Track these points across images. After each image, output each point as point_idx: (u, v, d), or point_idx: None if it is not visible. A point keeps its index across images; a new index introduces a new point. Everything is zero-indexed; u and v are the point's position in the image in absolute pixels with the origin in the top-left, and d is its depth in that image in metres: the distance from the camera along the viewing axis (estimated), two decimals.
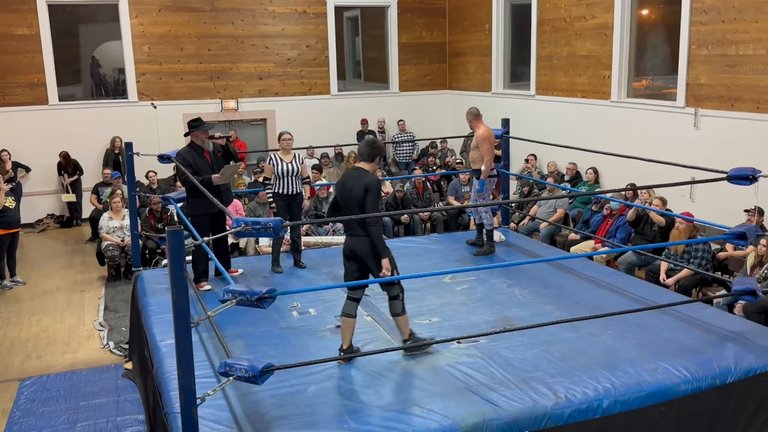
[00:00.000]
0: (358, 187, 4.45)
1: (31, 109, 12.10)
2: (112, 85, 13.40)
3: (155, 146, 11.17)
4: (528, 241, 7.74)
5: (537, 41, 11.81)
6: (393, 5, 14.22)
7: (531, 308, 5.39)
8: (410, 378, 4.24)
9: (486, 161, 6.71)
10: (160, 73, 12.81)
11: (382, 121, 14.08)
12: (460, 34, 14.25)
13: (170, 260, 3.31)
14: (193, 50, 12.92)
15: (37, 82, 12.15)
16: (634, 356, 4.43)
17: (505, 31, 12.99)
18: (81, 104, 12.67)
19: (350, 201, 4.48)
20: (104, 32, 13.18)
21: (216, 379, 4.15)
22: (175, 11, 12.72)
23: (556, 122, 11.24)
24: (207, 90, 13.11)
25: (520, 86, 12.76)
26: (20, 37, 11.93)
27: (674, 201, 8.50)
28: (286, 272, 6.49)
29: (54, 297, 9.00)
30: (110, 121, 12.46)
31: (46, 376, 6.57)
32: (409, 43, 14.46)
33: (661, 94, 9.93)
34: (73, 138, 12.24)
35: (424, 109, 14.47)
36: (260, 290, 3.48)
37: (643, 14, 10.23)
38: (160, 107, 12.81)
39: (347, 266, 4.61)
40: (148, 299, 5.82)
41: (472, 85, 13.89)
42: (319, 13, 13.66)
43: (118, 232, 9.58)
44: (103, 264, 9.66)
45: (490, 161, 6.74)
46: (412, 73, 14.59)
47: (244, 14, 13.10)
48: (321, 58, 13.82)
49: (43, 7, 11.95)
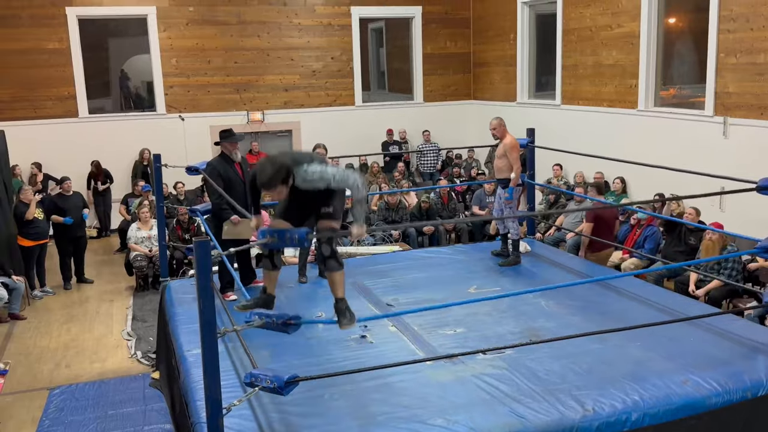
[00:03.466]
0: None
1: (61, 122, 12.33)
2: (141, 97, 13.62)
3: (183, 158, 11.30)
4: (554, 251, 7.67)
5: (562, 50, 11.76)
6: (417, 16, 14.27)
7: (557, 319, 5.33)
8: (435, 389, 4.22)
9: (515, 169, 6.70)
10: (187, 85, 12.99)
11: (403, 132, 14.11)
12: (485, 44, 14.25)
13: (197, 271, 3.34)
14: (219, 63, 13.08)
15: (68, 95, 12.39)
16: (663, 368, 4.36)
17: (530, 41, 12.97)
18: (110, 117, 12.89)
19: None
20: (133, 46, 13.41)
21: (242, 389, 4.17)
22: (202, 25, 12.91)
23: (582, 132, 11.16)
24: (233, 102, 13.27)
25: (545, 96, 12.71)
26: (51, 51, 12.18)
27: (704, 211, 8.38)
28: (311, 282, 6.51)
29: (83, 307, 9.13)
30: (139, 133, 12.65)
31: (75, 385, 6.65)
32: (434, 54, 14.49)
33: (689, 103, 9.82)
34: (102, 150, 12.43)
35: (449, 119, 14.47)
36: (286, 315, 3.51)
37: (669, 23, 10.14)
38: (187, 119, 12.98)
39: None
40: (175, 309, 5.87)
41: (497, 95, 13.86)
42: (344, 25, 13.76)
43: (146, 243, 9.70)
44: (132, 274, 9.78)
45: (518, 169, 6.72)
46: (437, 83, 14.61)
47: (270, 27, 13.24)
48: (346, 69, 13.90)
49: (73, 21, 12.20)
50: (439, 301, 5.49)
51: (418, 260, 7.13)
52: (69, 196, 9.81)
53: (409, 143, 14.25)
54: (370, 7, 13.93)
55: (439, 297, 5.61)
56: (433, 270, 6.66)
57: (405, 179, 12.44)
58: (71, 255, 9.88)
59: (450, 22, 14.49)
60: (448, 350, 4.69)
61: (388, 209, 10.75)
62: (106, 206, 12.50)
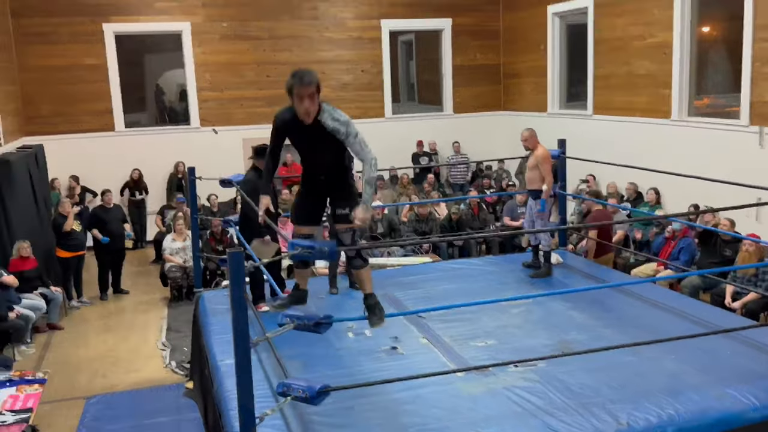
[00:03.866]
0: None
1: (98, 135, 12.60)
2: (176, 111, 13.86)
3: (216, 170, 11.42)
4: (586, 263, 7.59)
5: (594, 61, 11.69)
6: (447, 29, 14.31)
7: (590, 332, 5.27)
8: (467, 401, 4.21)
9: (547, 181, 6.67)
10: (220, 99, 13.19)
11: (433, 143, 14.12)
12: (515, 56, 14.22)
13: (231, 281, 3.39)
14: (252, 77, 13.26)
15: (105, 110, 12.66)
16: (699, 382, 4.29)
17: (560, 51, 12.91)
18: (146, 131, 13.14)
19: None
20: (168, 61, 13.67)
21: (274, 399, 4.20)
22: (235, 40, 13.11)
23: (614, 142, 11.05)
24: (265, 115, 13.37)
25: (576, 106, 12.63)
26: (89, 67, 12.47)
27: (740, 222, 8.23)
28: (342, 293, 6.54)
29: (119, 317, 9.28)
30: (174, 147, 12.86)
31: (111, 395, 6.76)
32: (463, 65, 14.50)
33: (724, 113, 9.67)
34: (138, 163, 12.66)
35: (479, 130, 14.44)
36: (317, 315, 3.53)
37: (703, 32, 10.02)
38: (220, 132, 13.16)
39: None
40: (208, 319, 5.93)
41: (528, 106, 13.81)
42: (374, 38, 13.86)
43: (180, 254, 9.83)
44: (166, 285, 9.93)
45: (551, 181, 6.69)
46: (467, 94, 14.61)
47: (301, 41, 13.39)
48: (376, 81, 13.98)
49: (110, 37, 12.48)
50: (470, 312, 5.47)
51: (448, 272, 7.11)
52: (110, 209, 10.06)
53: (439, 155, 14.26)
54: (400, 20, 14.01)
55: (469, 308, 5.57)
56: (463, 281, 6.63)
57: (435, 190, 12.44)
58: (110, 267, 10.07)
59: (480, 34, 14.50)
60: (480, 362, 4.67)
61: (418, 220, 10.76)
62: (141, 218, 12.72)
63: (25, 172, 9.64)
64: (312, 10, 13.50)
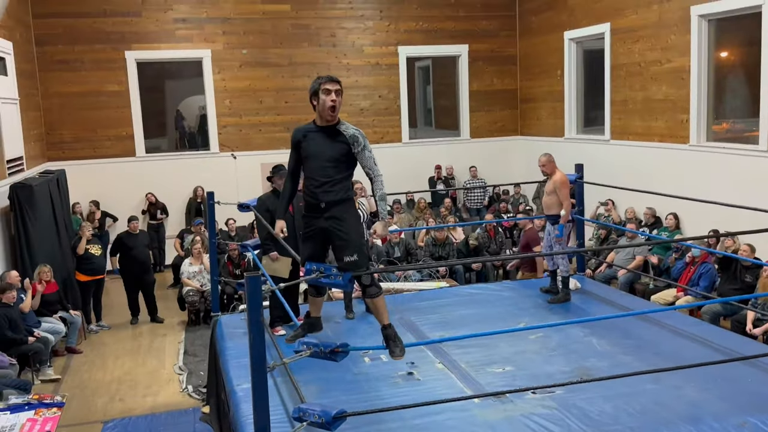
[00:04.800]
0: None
1: (119, 161, 12.78)
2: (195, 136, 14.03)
3: (234, 195, 11.57)
4: (605, 288, 7.54)
5: (611, 86, 11.70)
6: (464, 54, 14.42)
7: (609, 358, 5.22)
8: (484, 428, 4.17)
9: (565, 206, 6.66)
10: (240, 125, 13.35)
11: (450, 168, 14.17)
12: (532, 80, 14.27)
13: (248, 305, 3.41)
14: (271, 103, 13.42)
15: (126, 135, 12.85)
16: (720, 410, 4.22)
17: (577, 77, 12.94)
18: (166, 156, 13.30)
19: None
20: (188, 87, 13.88)
21: (290, 424, 4.19)
22: (255, 67, 13.30)
23: (632, 167, 11.01)
24: (284, 140, 13.49)
25: (593, 131, 12.62)
26: (111, 93, 12.70)
27: (759, 248, 8.14)
28: (357, 318, 6.53)
29: (137, 341, 9.33)
30: (193, 171, 13.01)
31: (128, 419, 6.78)
32: (480, 91, 14.59)
33: (743, 138, 9.61)
34: (158, 188, 12.80)
35: (496, 154, 14.48)
36: (333, 343, 3.53)
37: (721, 56, 10.00)
38: (239, 157, 13.30)
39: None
40: (225, 343, 5.94)
41: (545, 131, 13.82)
42: (392, 64, 14.00)
43: (198, 278, 9.89)
44: (184, 309, 9.97)
45: (569, 206, 6.68)
46: (483, 119, 14.67)
47: (319, 68, 13.51)
48: (393, 107, 14.09)
49: (132, 64, 12.72)
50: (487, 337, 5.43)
51: (465, 296, 7.08)
52: (136, 235, 10.18)
53: (456, 179, 14.28)
54: (417, 47, 14.14)
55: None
56: (480, 306, 6.60)
57: (451, 215, 12.45)
58: (137, 291, 10.14)
59: (496, 60, 14.59)
60: (497, 389, 4.63)
61: (435, 245, 10.75)
62: (160, 241, 12.83)
63: (46, 197, 9.79)
64: (330, 38, 13.67)
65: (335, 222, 4.46)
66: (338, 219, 4.46)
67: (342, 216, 4.48)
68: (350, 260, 4.40)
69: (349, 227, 4.48)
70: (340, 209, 4.48)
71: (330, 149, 4.46)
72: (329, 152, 4.47)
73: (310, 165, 4.55)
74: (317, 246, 4.61)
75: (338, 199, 4.47)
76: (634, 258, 9.50)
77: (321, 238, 4.56)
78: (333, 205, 4.47)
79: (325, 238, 4.55)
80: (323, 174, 4.46)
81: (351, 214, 4.54)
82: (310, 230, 4.58)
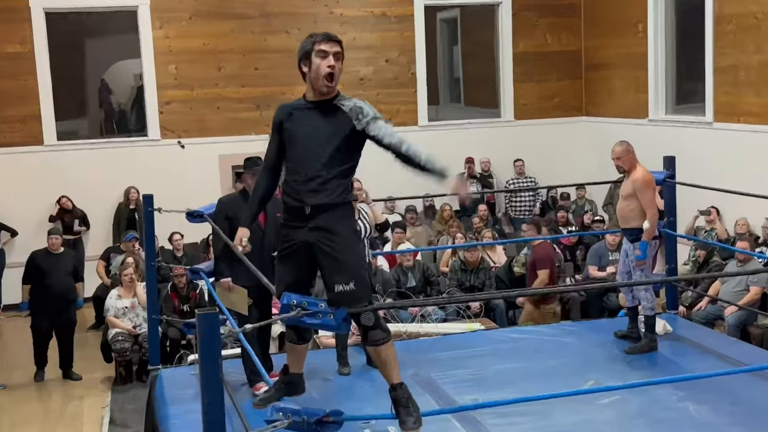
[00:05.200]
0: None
1: (20, 151, 12.69)
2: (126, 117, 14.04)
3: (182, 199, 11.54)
4: (707, 333, 7.53)
5: (714, 47, 11.69)
6: (506, 2, 14.42)
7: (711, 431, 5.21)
8: None
9: (649, 216, 6.65)
10: (190, 101, 13.33)
11: (486, 162, 14.12)
12: (602, 39, 14.30)
13: (201, 356, 3.39)
14: (234, 69, 13.42)
15: (29, 115, 12.77)
16: None
17: (666, 34, 12.95)
18: (86, 144, 13.32)
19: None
20: (117, 48, 13.91)
21: None
22: (212, 19, 13.25)
23: (745, 161, 10.99)
24: (252, 122, 13.48)
25: (689, 110, 12.62)
26: (8, 56, 12.59)
27: None
28: (355, 374, 6.51)
29: (44, 405, 9.31)
30: (124, 166, 12.95)
31: None
32: (529, 53, 14.60)
33: None
34: (75, 188, 12.74)
35: (551, 144, 14.47)
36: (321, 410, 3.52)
37: None
38: (189, 147, 13.30)
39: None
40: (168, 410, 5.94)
41: (620, 110, 13.82)
42: (404, 15, 13.99)
43: (130, 316, 9.87)
44: (110, 360, 9.95)
45: (655, 215, 6.67)
46: (534, 93, 14.68)
47: (302, 20, 13.45)
48: (406, 76, 14.11)
49: (39, 16, 12.62)
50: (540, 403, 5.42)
51: (507, 343, 7.09)
52: (57, 255, 9.97)
53: (495, 178, 14.28)
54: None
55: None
56: (528, 358, 6.60)
57: (488, 228, 12.42)
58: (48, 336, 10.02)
59: (552, 10, 14.62)
60: None
61: (464, 270, 10.73)
62: None
63: None
64: None
65: (324, 235, 4.38)
66: (328, 231, 4.39)
67: (333, 227, 4.40)
68: (345, 290, 4.32)
69: (343, 243, 4.41)
70: (332, 217, 4.41)
71: (325, 131, 4.43)
72: (324, 135, 4.43)
73: (296, 154, 4.51)
74: (298, 269, 4.52)
75: (330, 203, 4.39)
76: (748, 290, 9.47)
77: (304, 257, 4.48)
78: (322, 210, 4.39)
79: (310, 257, 4.49)
80: (312, 166, 4.41)
81: (346, 225, 4.48)
82: (289, 246, 4.51)
